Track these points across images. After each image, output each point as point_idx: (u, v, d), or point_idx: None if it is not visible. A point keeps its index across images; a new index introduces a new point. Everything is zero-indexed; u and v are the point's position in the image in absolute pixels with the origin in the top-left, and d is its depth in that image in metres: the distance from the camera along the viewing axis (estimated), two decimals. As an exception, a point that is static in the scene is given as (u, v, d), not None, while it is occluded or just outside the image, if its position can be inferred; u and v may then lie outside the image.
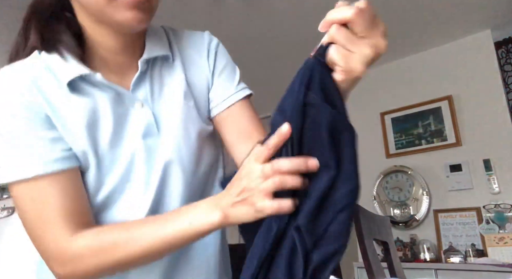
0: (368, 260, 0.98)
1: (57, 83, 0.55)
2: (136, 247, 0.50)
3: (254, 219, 0.45)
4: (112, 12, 0.52)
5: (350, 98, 1.11)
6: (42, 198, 0.51)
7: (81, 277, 0.52)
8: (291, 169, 0.43)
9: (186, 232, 0.49)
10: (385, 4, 2.36)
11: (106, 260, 0.51)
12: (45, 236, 0.52)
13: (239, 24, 2.56)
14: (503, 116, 2.40)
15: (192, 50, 0.69)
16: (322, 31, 0.47)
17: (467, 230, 2.32)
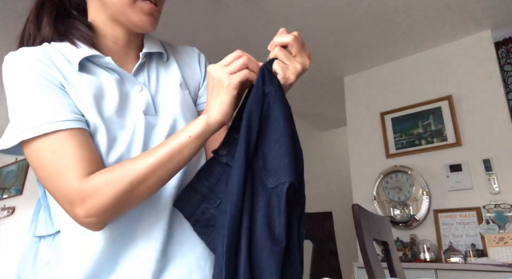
0: (368, 260, 0.98)
1: (68, 63, 0.63)
2: (143, 165, 0.55)
3: (231, 99, 0.58)
4: (131, 14, 0.65)
5: (350, 98, 1.15)
6: (61, 149, 0.56)
7: (102, 213, 0.55)
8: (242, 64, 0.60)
9: (186, 140, 0.57)
10: (386, 5, 2.36)
11: (121, 185, 0.55)
12: (64, 182, 0.56)
13: (239, 24, 2.56)
14: (503, 116, 2.40)
15: (186, 55, 0.83)
16: (269, 49, 0.63)
17: (467, 230, 2.32)
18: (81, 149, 0.57)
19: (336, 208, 3.43)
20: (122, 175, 0.55)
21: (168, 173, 0.58)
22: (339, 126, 4.51)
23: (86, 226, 0.57)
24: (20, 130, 0.57)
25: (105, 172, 0.56)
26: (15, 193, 4.46)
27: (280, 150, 0.55)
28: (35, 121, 0.56)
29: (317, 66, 3.14)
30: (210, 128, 0.58)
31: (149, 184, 0.57)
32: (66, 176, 0.56)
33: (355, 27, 2.60)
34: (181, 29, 2.59)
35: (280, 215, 0.52)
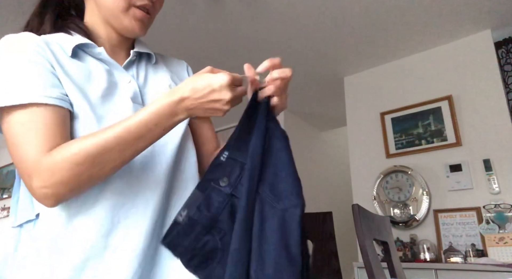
0: (368, 260, 0.98)
1: (62, 49, 0.66)
2: (104, 137, 0.56)
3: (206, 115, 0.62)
4: (124, 19, 0.70)
5: (350, 98, 1.17)
6: (31, 122, 0.58)
7: (58, 185, 0.55)
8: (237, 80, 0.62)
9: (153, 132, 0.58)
10: (386, 4, 2.36)
11: (79, 159, 0.55)
12: (25, 154, 0.57)
13: (239, 24, 2.56)
14: (503, 116, 2.40)
15: (176, 64, 0.87)
16: (260, 71, 0.66)
17: (467, 230, 2.32)
18: (52, 126, 0.58)
19: (336, 208, 3.42)
20: (81, 148, 0.56)
21: (129, 150, 0.58)
22: (339, 126, 4.51)
23: (41, 198, 0.57)
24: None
25: (65, 146, 0.57)
26: (15, 193, 4.46)
27: (288, 177, 0.59)
28: (16, 91, 0.58)
29: (317, 66, 3.14)
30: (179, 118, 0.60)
31: (110, 159, 0.57)
32: (28, 148, 0.57)
33: (355, 27, 2.60)
34: (181, 29, 2.59)
35: (295, 235, 0.55)
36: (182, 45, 2.75)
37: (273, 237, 0.54)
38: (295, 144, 3.18)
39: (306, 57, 2.99)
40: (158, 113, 0.58)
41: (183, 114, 0.59)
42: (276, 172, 0.60)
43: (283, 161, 0.60)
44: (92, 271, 0.59)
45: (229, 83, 0.58)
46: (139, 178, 0.65)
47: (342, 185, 4.27)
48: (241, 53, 2.91)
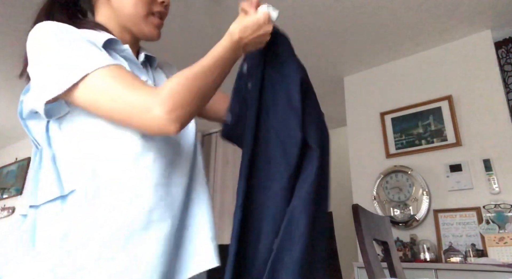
0: (368, 260, 0.98)
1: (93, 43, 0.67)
2: (199, 65, 0.66)
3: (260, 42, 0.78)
4: (144, 26, 0.76)
5: (350, 98, 1.19)
6: (121, 74, 0.61)
7: (183, 106, 0.60)
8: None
9: (231, 61, 0.72)
10: (386, 5, 2.36)
11: (190, 83, 0.62)
12: (137, 92, 0.59)
13: (239, 24, 2.56)
14: (503, 116, 2.40)
15: (168, 67, 0.91)
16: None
17: (467, 230, 2.32)
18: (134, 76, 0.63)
19: (336, 208, 3.43)
20: (185, 74, 0.63)
21: (218, 79, 0.69)
22: (339, 126, 4.50)
23: (166, 125, 0.58)
24: (72, 71, 0.59)
25: (169, 82, 0.62)
26: (15, 193, 4.46)
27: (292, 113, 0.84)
28: (88, 60, 0.60)
29: (317, 66, 3.14)
30: (237, 55, 0.73)
31: (209, 81, 0.66)
32: (136, 88, 0.60)
33: (355, 27, 2.60)
34: (181, 29, 2.59)
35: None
36: (182, 45, 2.75)
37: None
38: (295, 144, 3.06)
39: (306, 57, 2.97)
40: (231, 50, 0.70)
41: (242, 50, 0.73)
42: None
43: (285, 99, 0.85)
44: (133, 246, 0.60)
45: (265, 19, 0.75)
46: (174, 162, 0.71)
47: (342, 185, 4.27)
48: (241, 53, 2.91)
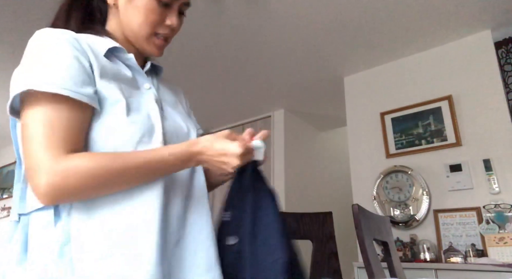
0: (368, 260, 0.98)
1: (97, 49, 0.70)
2: (125, 162, 0.61)
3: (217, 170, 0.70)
4: (145, 45, 0.77)
5: (350, 98, 1.17)
6: (55, 116, 0.59)
7: (61, 193, 0.57)
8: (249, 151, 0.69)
9: (166, 170, 0.66)
10: (385, 5, 2.36)
11: (96, 174, 0.58)
12: (42, 148, 0.57)
13: (239, 24, 2.56)
14: (503, 116, 2.40)
15: (175, 86, 0.94)
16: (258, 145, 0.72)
17: (467, 230, 2.32)
18: (76, 126, 0.61)
19: (336, 208, 3.42)
20: (101, 164, 0.59)
21: (140, 180, 0.64)
22: (339, 126, 4.50)
23: (41, 195, 0.57)
24: (34, 81, 0.59)
25: (87, 156, 0.60)
26: (15, 193, 4.46)
27: (274, 232, 0.68)
28: (54, 80, 0.59)
29: (317, 66, 3.14)
30: (190, 165, 0.69)
31: (116, 186, 0.62)
32: (48, 143, 0.58)
33: (355, 27, 2.60)
34: (181, 29, 2.59)
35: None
36: (182, 45, 2.74)
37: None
38: (295, 144, 3.19)
39: (306, 57, 2.99)
40: (178, 158, 0.65)
41: (194, 163, 0.68)
42: (265, 229, 0.69)
43: (271, 218, 0.70)
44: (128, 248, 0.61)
45: (240, 154, 0.65)
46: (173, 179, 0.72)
47: (342, 185, 4.27)
48: (241, 53, 2.91)
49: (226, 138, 0.67)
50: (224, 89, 3.54)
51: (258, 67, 3.14)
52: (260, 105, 3.90)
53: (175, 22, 0.77)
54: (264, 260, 0.66)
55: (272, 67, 3.14)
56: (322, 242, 1.19)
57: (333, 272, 1.10)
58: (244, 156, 0.66)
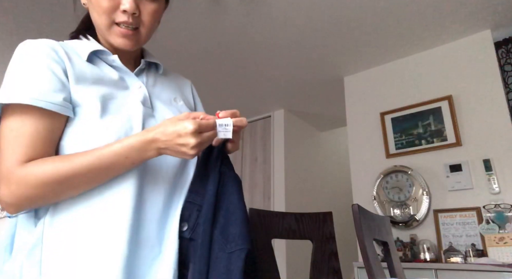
0: (368, 260, 0.98)
1: (77, 54, 0.71)
2: (77, 162, 0.60)
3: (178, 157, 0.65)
4: (109, 36, 0.73)
5: (350, 99, 1.16)
6: (21, 128, 0.60)
7: (21, 200, 0.59)
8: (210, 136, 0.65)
9: (122, 164, 0.62)
10: (385, 5, 2.36)
11: (48, 179, 0.59)
12: (3, 159, 0.60)
13: (239, 24, 2.56)
14: (503, 116, 2.40)
15: (181, 79, 0.93)
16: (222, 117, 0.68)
17: (467, 230, 2.32)
18: (40, 134, 0.61)
19: (336, 208, 3.43)
20: (52, 169, 0.59)
21: (99, 180, 0.62)
22: (339, 126, 4.51)
23: (3, 206, 0.59)
24: (3, 94, 0.61)
25: (39, 163, 0.60)
26: (15, 193, 4.46)
27: (237, 220, 0.64)
28: (19, 91, 0.61)
29: (317, 66, 3.14)
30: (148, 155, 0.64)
31: (77, 183, 0.61)
32: (7, 155, 0.60)
33: (355, 27, 2.60)
34: (181, 30, 2.59)
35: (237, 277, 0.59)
36: (182, 45, 2.74)
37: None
38: (295, 144, 3.20)
39: (306, 57, 2.98)
40: (130, 148, 0.62)
41: (152, 152, 0.63)
42: (227, 215, 0.65)
43: (234, 205, 0.66)
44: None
45: (193, 131, 0.61)
46: (154, 176, 0.70)
47: (342, 185, 4.27)
48: (241, 53, 2.91)
49: (185, 118, 0.64)
50: (224, 89, 3.54)
51: (258, 67, 3.14)
52: (260, 105, 3.90)
53: (129, 5, 0.69)
54: (222, 249, 0.61)
55: (272, 67, 3.14)
56: (322, 242, 1.19)
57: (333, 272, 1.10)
58: (199, 133, 0.62)
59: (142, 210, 0.65)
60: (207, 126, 0.63)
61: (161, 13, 0.79)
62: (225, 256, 0.61)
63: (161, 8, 0.77)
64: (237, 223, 0.63)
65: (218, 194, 0.67)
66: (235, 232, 0.62)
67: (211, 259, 0.61)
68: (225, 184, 0.68)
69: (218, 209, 0.65)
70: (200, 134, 0.62)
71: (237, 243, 0.61)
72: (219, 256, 0.61)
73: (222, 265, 0.60)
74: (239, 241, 0.61)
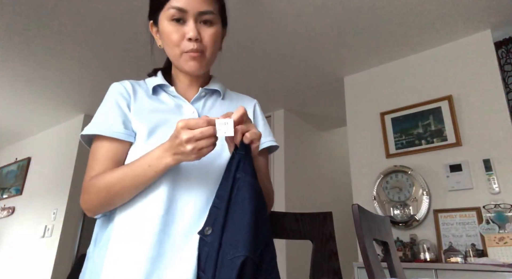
0: (368, 260, 0.98)
1: (145, 90, 0.89)
2: (118, 173, 0.74)
3: (189, 160, 0.69)
4: (181, 63, 0.85)
5: (350, 99, 1.14)
6: (97, 151, 0.80)
7: (88, 205, 0.77)
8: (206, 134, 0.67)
9: (147, 172, 0.72)
10: (385, 5, 2.36)
11: (100, 187, 0.74)
12: (86, 173, 0.79)
13: (239, 24, 2.56)
14: (503, 116, 2.40)
15: (246, 100, 1.01)
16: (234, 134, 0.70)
17: (467, 230, 2.32)
18: (108, 155, 0.79)
19: (336, 208, 3.43)
20: (104, 180, 0.74)
21: (138, 187, 0.73)
22: (339, 126, 4.51)
23: (84, 211, 0.78)
24: (87, 127, 0.81)
25: (99, 176, 0.75)
26: (15, 193, 4.46)
27: (243, 227, 0.63)
28: (95, 125, 0.80)
29: (317, 66, 3.14)
30: (166, 161, 0.70)
31: (123, 193, 0.73)
32: (89, 170, 0.79)
33: (355, 27, 2.60)
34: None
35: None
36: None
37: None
38: (295, 144, 3.19)
39: (306, 57, 2.98)
40: (151, 156, 0.71)
41: (168, 159, 0.70)
42: (235, 221, 0.65)
43: (244, 210, 0.65)
44: None
45: (181, 126, 0.66)
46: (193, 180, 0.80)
47: (342, 185, 4.27)
48: (241, 53, 2.91)
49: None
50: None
51: (258, 67, 3.14)
52: (260, 105, 3.90)
53: (192, 32, 0.80)
54: (226, 254, 0.62)
55: (272, 67, 3.14)
56: (322, 242, 1.19)
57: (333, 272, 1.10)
58: (188, 129, 0.65)
59: (173, 209, 0.74)
60: (196, 123, 0.66)
61: (219, 36, 0.89)
62: (227, 263, 0.61)
63: (218, 32, 0.88)
64: (242, 229, 0.63)
65: (231, 199, 0.67)
66: (239, 238, 0.62)
67: (218, 265, 0.62)
68: (240, 189, 0.68)
69: (229, 214, 0.66)
70: (191, 130, 0.65)
71: (237, 250, 0.61)
72: (223, 263, 0.62)
73: (224, 272, 0.60)
74: (239, 248, 0.61)
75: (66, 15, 2.44)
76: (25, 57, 2.94)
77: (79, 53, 2.89)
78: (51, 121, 4.24)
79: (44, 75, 3.22)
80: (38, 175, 4.30)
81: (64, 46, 2.80)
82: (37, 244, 3.80)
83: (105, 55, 2.90)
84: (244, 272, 0.59)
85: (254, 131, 0.72)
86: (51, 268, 3.47)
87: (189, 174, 0.78)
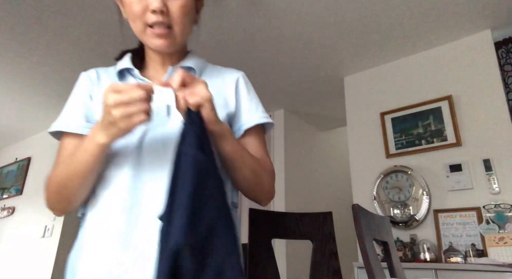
0: (368, 260, 0.98)
1: (114, 73, 0.82)
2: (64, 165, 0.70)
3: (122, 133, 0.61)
4: (146, 40, 0.76)
5: (350, 98, 1.13)
6: (61, 147, 0.77)
7: (49, 203, 0.72)
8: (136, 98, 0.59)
9: (84, 157, 0.65)
10: (385, 5, 2.36)
11: (53, 184, 0.70)
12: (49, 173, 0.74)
13: (240, 24, 2.56)
14: (503, 116, 2.40)
15: (227, 74, 0.91)
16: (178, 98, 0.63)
17: (467, 230, 2.32)
18: (70, 151, 0.74)
19: (336, 208, 3.43)
20: (53, 178, 0.70)
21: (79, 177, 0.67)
22: (339, 126, 4.51)
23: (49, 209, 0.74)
24: (52, 124, 0.78)
25: (52, 173, 0.72)
26: (15, 193, 4.46)
27: (178, 209, 0.54)
28: (58, 121, 0.78)
29: (317, 67, 3.14)
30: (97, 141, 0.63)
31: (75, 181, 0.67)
32: (53, 168, 0.74)
33: (355, 27, 2.60)
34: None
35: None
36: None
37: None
38: (295, 144, 3.18)
39: (306, 57, 2.98)
40: (85, 140, 0.65)
41: (99, 136, 0.62)
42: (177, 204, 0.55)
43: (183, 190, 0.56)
44: None
45: (107, 91, 0.58)
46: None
47: (342, 185, 4.27)
48: (241, 52, 2.91)
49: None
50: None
51: (258, 67, 3.14)
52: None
53: (156, 3, 0.70)
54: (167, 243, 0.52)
55: (272, 67, 3.14)
56: (322, 242, 1.19)
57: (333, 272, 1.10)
58: (113, 93, 0.57)
59: (139, 190, 0.68)
60: (125, 87, 0.58)
61: (191, 8, 0.77)
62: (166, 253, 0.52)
63: (189, 3, 0.75)
64: (178, 213, 0.53)
65: (177, 178, 0.57)
66: (175, 223, 0.53)
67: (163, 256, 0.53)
68: (181, 165, 0.57)
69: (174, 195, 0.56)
70: (118, 94, 0.57)
71: (170, 238, 0.52)
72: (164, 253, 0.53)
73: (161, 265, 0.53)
74: (173, 235, 0.52)
75: (67, 15, 2.44)
76: (25, 57, 2.94)
77: (80, 53, 2.89)
78: (51, 121, 4.24)
79: (44, 75, 3.22)
80: (38, 175, 4.30)
81: (64, 46, 2.80)
82: (37, 244, 3.80)
83: (106, 55, 2.91)
84: (181, 264, 0.50)
85: (198, 94, 0.61)
86: (51, 268, 3.47)
87: (149, 158, 0.70)
